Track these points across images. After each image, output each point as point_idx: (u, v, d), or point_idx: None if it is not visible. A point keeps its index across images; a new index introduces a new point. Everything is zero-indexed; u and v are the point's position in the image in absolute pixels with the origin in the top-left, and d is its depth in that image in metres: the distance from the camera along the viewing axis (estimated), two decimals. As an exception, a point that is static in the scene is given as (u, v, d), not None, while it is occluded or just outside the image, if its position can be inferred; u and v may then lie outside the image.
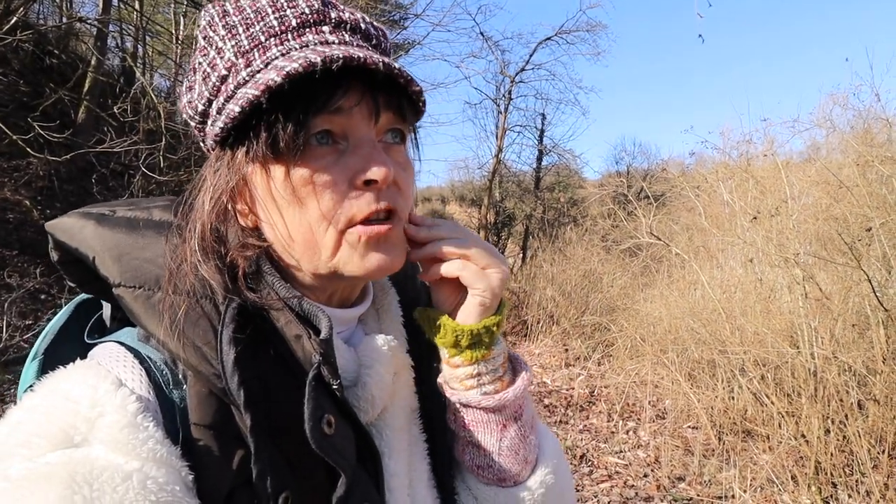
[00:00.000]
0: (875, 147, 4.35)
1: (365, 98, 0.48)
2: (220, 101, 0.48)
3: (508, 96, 10.91)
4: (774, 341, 3.57)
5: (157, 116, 5.86)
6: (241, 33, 0.48)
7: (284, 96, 0.44)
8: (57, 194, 6.37)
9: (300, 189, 0.47)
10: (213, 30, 0.49)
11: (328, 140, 0.48)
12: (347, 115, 0.47)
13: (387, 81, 0.48)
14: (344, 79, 0.46)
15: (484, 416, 0.56)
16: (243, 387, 0.42)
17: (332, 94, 0.46)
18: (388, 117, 0.50)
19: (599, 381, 5.38)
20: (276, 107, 0.45)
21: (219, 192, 0.50)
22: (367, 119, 0.48)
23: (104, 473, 0.37)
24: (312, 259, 0.49)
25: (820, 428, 3.06)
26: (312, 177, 0.47)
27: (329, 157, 0.48)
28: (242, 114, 0.45)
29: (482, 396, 0.56)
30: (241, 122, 0.47)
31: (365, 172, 0.47)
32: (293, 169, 0.47)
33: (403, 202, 0.51)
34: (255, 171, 0.49)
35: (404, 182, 0.51)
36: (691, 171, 8.49)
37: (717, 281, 4.95)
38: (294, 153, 0.46)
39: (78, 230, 0.50)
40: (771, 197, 4.62)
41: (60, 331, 0.56)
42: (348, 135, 0.48)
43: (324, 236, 0.48)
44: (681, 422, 4.17)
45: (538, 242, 11.09)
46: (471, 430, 0.57)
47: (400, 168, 0.51)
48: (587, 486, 3.41)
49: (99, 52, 7.13)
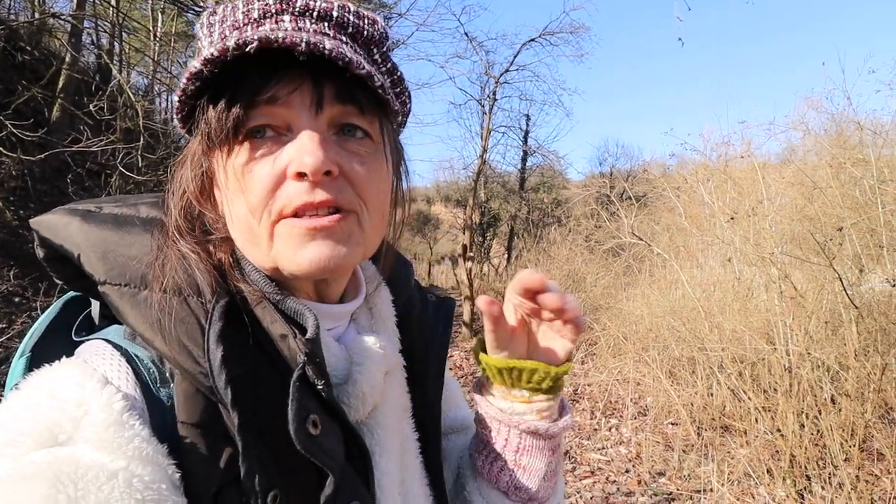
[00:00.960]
0: (847, 149, 4.49)
1: (304, 85, 0.45)
2: None
3: (493, 97, 10.95)
4: (751, 339, 3.66)
5: (134, 115, 5.73)
6: (215, 31, 0.49)
7: (217, 85, 0.45)
8: (31, 195, 6.20)
9: (234, 179, 0.47)
10: (202, 29, 0.51)
11: (269, 132, 0.46)
12: (285, 104, 0.45)
13: (335, 68, 0.45)
14: (281, 65, 0.44)
15: (541, 443, 0.60)
16: (230, 385, 0.42)
17: (265, 81, 0.44)
18: (339, 109, 0.47)
19: (583, 380, 5.45)
20: (207, 95, 0.45)
21: (184, 181, 0.51)
22: (308, 108, 0.46)
23: (89, 472, 0.36)
24: (254, 251, 0.49)
25: (794, 422, 3.15)
26: (245, 166, 0.46)
27: (265, 147, 0.46)
28: (180, 102, 0.47)
29: (550, 424, 0.60)
30: (188, 112, 0.48)
31: (295, 163, 0.45)
32: (229, 158, 0.47)
33: (355, 197, 0.48)
34: (211, 160, 0.50)
35: (359, 176, 0.48)
36: (672, 172, 8.64)
37: (696, 280, 5.05)
38: (224, 141, 0.46)
39: (63, 227, 0.49)
40: (748, 198, 4.74)
41: (48, 328, 0.55)
42: (292, 126, 0.46)
43: (257, 228, 0.47)
44: (661, 418, 4.25)
45: (523, 242, 11.17)
46: (524, 454, 0.60)
47: (356, 161, 0.48)
48: (570, 482, 3.45)
49: (73, 48, 6.95)
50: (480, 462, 0.62)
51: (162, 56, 8.44)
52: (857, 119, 4.49)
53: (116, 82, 5.84)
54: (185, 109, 0.48)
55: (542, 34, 10.53)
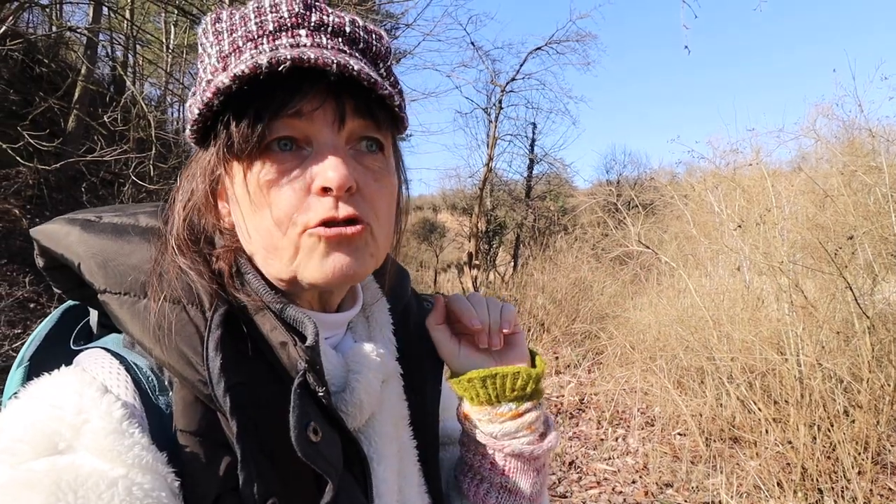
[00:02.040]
0: (859, 157, 4.44)
1: (328, 102, 0.46)
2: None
3: (499, 105, 11.00)
4: (761, 349, 3.61)
5: (147, 125, 5.83)
6: (224, 39, 0.49)
7: (242, 98, 0.45)
8: (46, 203, 6.31)
9: (257, 193, 0.47)
10: (206, 37, 0.50)
11: (290, 146, 0.47)
12: (309, 119, 0.46)
13: (355, 85, 0.46)
14: (305, 82, 0.45)
15: (527, 465, 0.60)
16: (229, 393, 0.42)
17: (290, 97, 0.45)
18: (358, 124, 0.48)
19: (589, 389, 5.39)
20: (232, 108, 0.46)
21: (192, 192, 0.51)
22: (331, 124, 0.47)
23: (89, 480, 0.37)
24: (274, 263, 0.49)
25: (806, 434, 3.09)
26: (269, 181, 0.47)
27: (289, 162, 0.47)
28: (201, 115, 0.47)
29: (535, 446, 0.60)
30: (207, 124, 0.48)
31: (320, 178, 0.46)
32: (251, 172, 0.47)
33: (371, 211, 0.49)
34: (225, 171, 0.50)
35: (374, 191, 0.49)
36: (680, 180, 8.60)
37: (705, 289, 5.00)
38: (249, 154, 0.46)
39: (63, 236, 0.50)
40: (757, 206, 4.70)
41: (46, 337, 0.55)
42: (312, 140, 0.47)
43: (281, 240, 0.47)
44: (669, 429, 4.19)
45: (529, 251, 11.13)
46: (509, 476, 0.60)
47: (370, 177, 0.49)
48: (576, 492, 3.42)
49: (89, 60, 7.10)
50: (466, 484, 0.62)
51: (174, 68, 8.59)
52: (868, 126, 4.45)
53: (130, 93, 5.96)
54: (203, 122, 0.48)
55: (549, 43, 10.59)
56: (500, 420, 0.59)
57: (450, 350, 0.62)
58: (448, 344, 0.62)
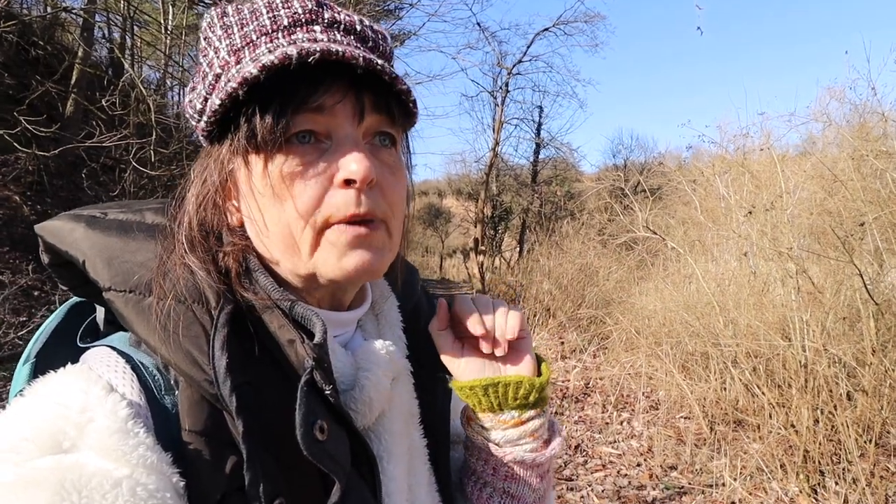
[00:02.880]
0: (870, 141, 4.37)
1: (348, 96, 0.47)
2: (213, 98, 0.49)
3: (505, 88, 10.87)
4: (766, 334, 3.60)
5: (146, 110, 5.78)
6: (235, 33, 0.48)
7: (264, 90, 0.45)
8: (47, 189, 6.29)
9: (278, 185, 0.47)
10: (212, 30, 0.50)
11: (310, 139, 0.47)
12: (330, 113, 0.47)
13: (373, 81, 0.47)
14: (327, 76, 0.46)
15: (529, 471, 0.59)
16: (235, 392, 0.42)
17: (313, 90, 0.46)
18: (375, 119, 0.49)
19: (595, 373, 5.42)
20: (255, 100, 0.45)
21: (206, 186, 0.51)
22: (351, 118, 0.48)
23: (93, 480, 0.36)
24: (291, 258, 0.49)
25: (809, 418, 3.11)
26: (291, 173, 0.47)
27: (310, 155, 0.47)
28: (223, 106, 0.46)
29: (538, 454, 0.58)
30: (225, 116, 0.47)
31: (343, 170, 0.46)
32: (272, 164, 0.47)
33: (387, 207, 0.50)
34: (239, 166, 0.49)
35: (390, 185, 0.50)
36: (688, 164, 8.52)
37: (711, 274, 4.98)
38: (272, 147, 0.46)
39: (68, 233, 0.49)
40: (766, 191, 4.64)
41: (53, 334, 0.55)
42: (332, 134, 0.48)
43: (301, 234, 0.47)
44: (674, 412, 4.22)
45: (535, 236, 11.11)
46: (511, 482, 0.59)
47: (387, 171, 0.50)
48: (581, 475, 3.45)
49: (86, 43, 7.00)
50: (469, 487, 0.62)
51: (173, 50, 8.47)
52: (881, 110, 4.36)
53: (128, 76, 5.89)
54: (223, 114, 0.48)
55: (556, 23, 10.41)
56: (503, 427, 0.58)
57: (452, 355, 0.60)
58: (450, 349, 0.60)
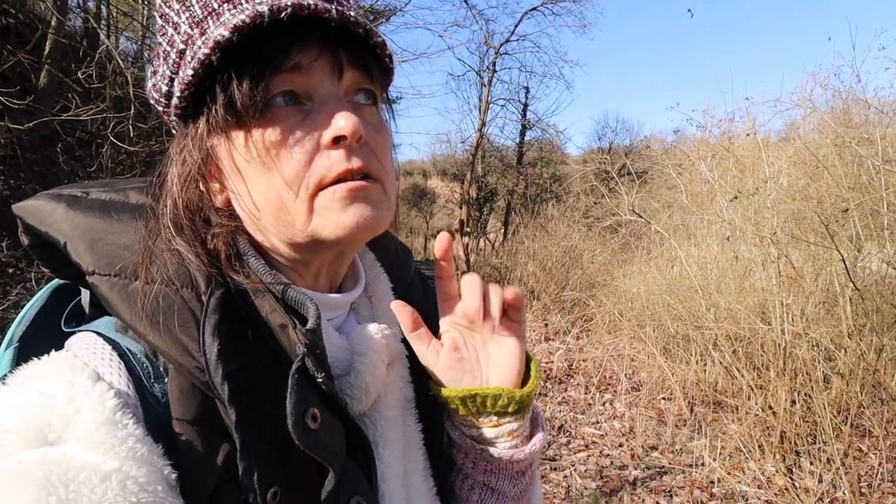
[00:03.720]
0: (853, 128, 4.43)
1: (324, 53, 0.45)
2: (180, 75, 0.45)
3: (492, 68, 10.74)
4: (747, 317, 3.68)
5: (124, 83, 5.57)
6: (194, 4, 0.45)
7: (237, 54, 0.42)
8: (21, 164, 6.06)
9: (264, 154, 0.44)
10: (169, 6, 0.47)
11: (291, 101, 0.45)
12: (308, 72, 0.45)
13: (347, 36, 0.45)
14: (299, 33, 0.43)
15: (507, 466, 0.57)
16: (227, 380, 0.40)
17: (287, 49, 0.43)
18: (353, 75, 0.47)
19: (578, 355, 5.51)
20: (229, 65, 0.43)
21: (186, 169, 0.48)
22: (330, 75, 0.46)
23: (81, 474, 0.35)
24: (286, 230, 0.47)
25: (787, 400, 3.20)
26: (276, 139, 0.44)
27: (293, 117, 0.45)
28: (196, 76, 0.43)
29: (516, 451, 0.56)
30: (198, 89, 0.44)
31: (331, 128, 0.44)
32: (254, 132, 0.44)
33: (378, 164, 0.48)
34: (220, 141, 0.46)
35: (378, 144, 0.48)
36: (673, 148, 8.56)
37: (694, 258, 5.05)
38: (253, 114, 0.43)
39: (48, 213, 0.47)
40: (751, 176, 4.70)
41: (37, 317, 0.53)
42: (312, 94, 0.46)
43: (294, 202, 0.45)
44: (655, 394, 4.32)
45: (520, 218, 11.15)
46: (492, 477, 0.57)
47: (372, 129, 0.48)
48: (565, 455, 3.52)
49: (59, 12, 6.68)
50: (452, 478, 0.61)
51: (151, 21, 8.15)
52: (864, 97, 4.42)
53: (105, 48, 5.66)
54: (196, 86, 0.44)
55: (545, 3, 10.27)
56: (479, 427, 0.56)
57: (429, 361, 0.56)
58: (427, 353, 0.55)
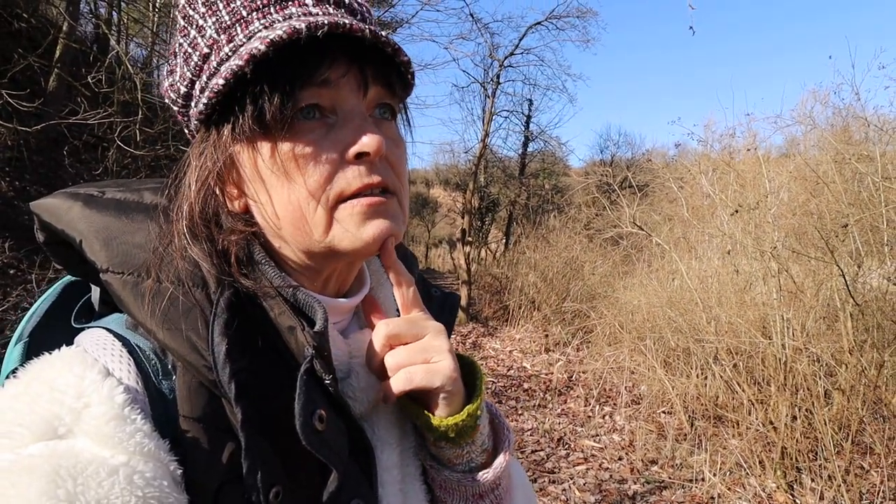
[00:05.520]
0: (852, 145, 4.45)
1: (352, 69, 0.46)
2: (204, 80, 0.46)
3: (496, 80, 10.79)
4: (748, 331, 3.67)
5: (132, 87, 5.62)
6: (221, 9, 0.46)
7: (269, 67, 0.43)
8: (27, 166, 6.10)
9: (288, 164, 0.45)
10: (193, 7, 0.47)
11: (316, 114, 0.46)
12: (335, 87, 0.46)
13: (374, 52, 0.46)
14: (330, 49, 0.45)
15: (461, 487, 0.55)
16: (234, 379, 0.41)
17: (318, 64, 0.45)
18: (377, 91, 0.48)
19: (578, 367, 5.49)
20: (262, 78, 0.44)
21: (205, 173, 0.49)
22: (356, 91, 0.47)
23: (89, 467, 0.36)
24: (304, 239, 0.48)
25: (787, 415, 3.18)
26: (301, 151, 0.45)
27: (318, 130, 0.46)
28: (227, 86, 0.44)
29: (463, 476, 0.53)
30: (226, 98, 0.45)
31: (356, 144, 0.45)
32: (281, 143, 0.45)
33: (395, 178, 0.49)
34: (242, 149, 0.47)
35: (396, 158, 0.50)
36: (675, 162, 8.59)
37: (695, 271, 5.05)
38: (282, 126, 0.45)
39: (64, 211, 0.48)
40: (751, 191, 4.71)
41: (47, 313, 0.54)
42: (337, 108, 0.47)
43: (314, 214, 0.46)
44: (655, 407, 4.29)
45: (521, 228, 11.14)
46: (447, 493, 0.55)
47: (392, 144, 0.49)
48: (563, 468, 3.50)
49: (71, 17, 6.77)
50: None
51: (161, 27, 8.25)
52: (863, 115, 4.45)
53: (115, 53, 5.73)
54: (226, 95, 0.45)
55: (549, 18, 10.34)
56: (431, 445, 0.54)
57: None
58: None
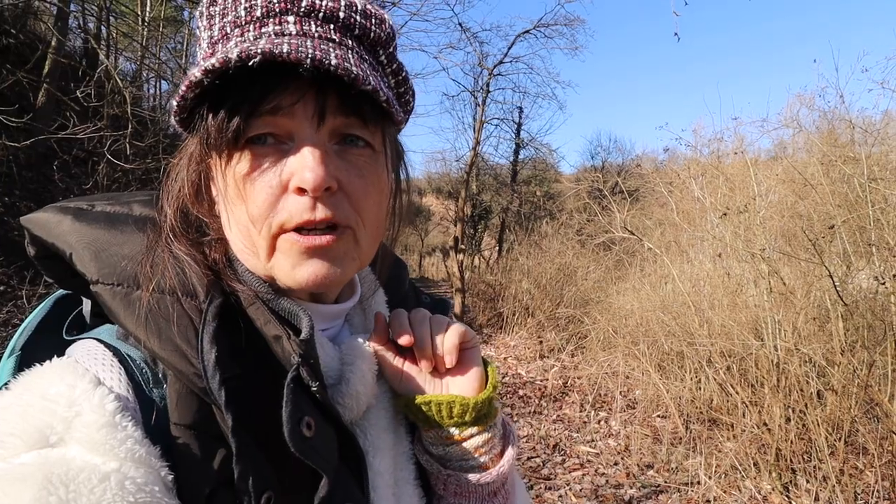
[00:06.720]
0: (838, 147, 4.53)
1: (308, 96, 0.45)
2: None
3: (486, 89, 10.88)
4: (740, 334, 3.70)
5: (122, 101, 5.62)
6: (215, 24, 0.47)
7: (219, 90, 0.43)
8: (16, 181, 6.06)
9: (234, 187, 0.46)
10: (201, 20, 0.49)
11: (269, 140, 0.46)
12: (289, 113, 0.45)
13: (340, 80, 0.44)
14: (284, 75, 0.43)
15: (479, 488, 0.57)
16: (224, 386, 0.41)
17: (266, 92, 0.44)
18: (341, 121, 0.46)
19: (573, 373, 5.49)
20: (207, 100, 0.45)
21: (184, 178, 0.50)
22: (310, 119, 0.45)
23: (81, 474, 0.36)
24: (251, 260, 0.49)
25: (781, 417, 3.20)
26: (247, 176, 0.46)
27: (268, 157, 0.46)
28: (179, 108, 0.45)
29: (482, 474, 0.56)
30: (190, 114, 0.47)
31: (296, 178, 0.45)
32: (230, 165, 0.46)
33: (351, 211, 0.47)
34: (214, 162, 0.49)
35: (357, 189, 0.48)
36: (664, 167, 8.69)
37: (687, 275, 5.09)
38: (224, 149, 0.45)
39: (55, 225, 0.48)
40: (740, 194, 4.77)
41: (39, 326, 0.54)
42: (294, 135, 0.46)
43: (258, 238, 0.47)
44: (650, 411, 4.30)
45: (514, 235, 11.20)
46: (463, 498, 0.57)
47: (354, 174, 0.47)
48: (559, 474, 3.49)
49: (60, 32, 6.76)
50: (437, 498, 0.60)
51: (150, 41, 8.26)
52: (848, 117, 4.53)
53: (104, 68, 5.72)
54: (185, 112, 0.47)
55: (537, 26, 10.46)
56: (445, 444, 0.56)
57: (392, 371, 0.57)
58: (391, 364, 0.57)
